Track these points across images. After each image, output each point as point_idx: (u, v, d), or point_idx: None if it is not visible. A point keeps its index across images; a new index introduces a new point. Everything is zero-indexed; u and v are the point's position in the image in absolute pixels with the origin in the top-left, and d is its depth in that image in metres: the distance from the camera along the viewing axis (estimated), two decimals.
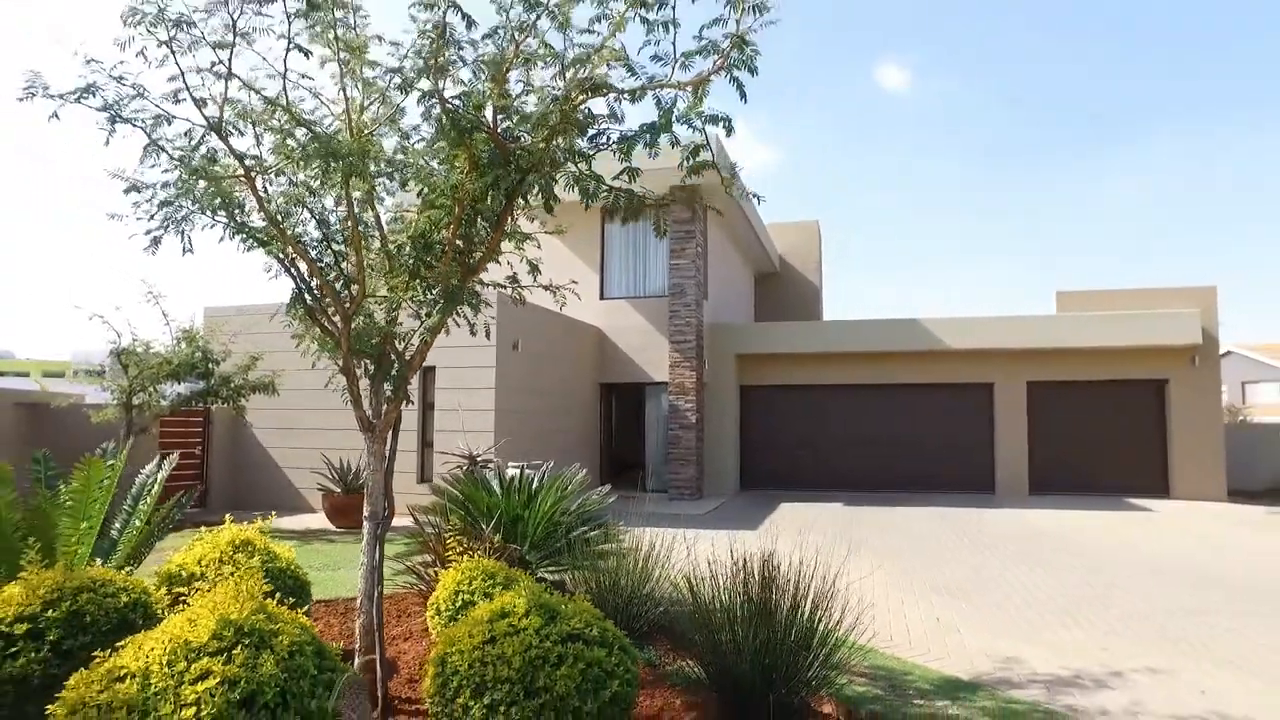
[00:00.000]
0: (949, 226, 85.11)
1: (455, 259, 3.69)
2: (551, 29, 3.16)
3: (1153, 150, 64.86)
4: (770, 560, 4.30)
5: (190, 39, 3.33)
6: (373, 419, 4.15)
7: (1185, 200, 77.22)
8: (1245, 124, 61.30)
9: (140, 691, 2.66)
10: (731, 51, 3.08)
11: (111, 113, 3.54)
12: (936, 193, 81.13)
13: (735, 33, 3.07)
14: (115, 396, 11.28)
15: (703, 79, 3.20)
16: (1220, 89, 61.97)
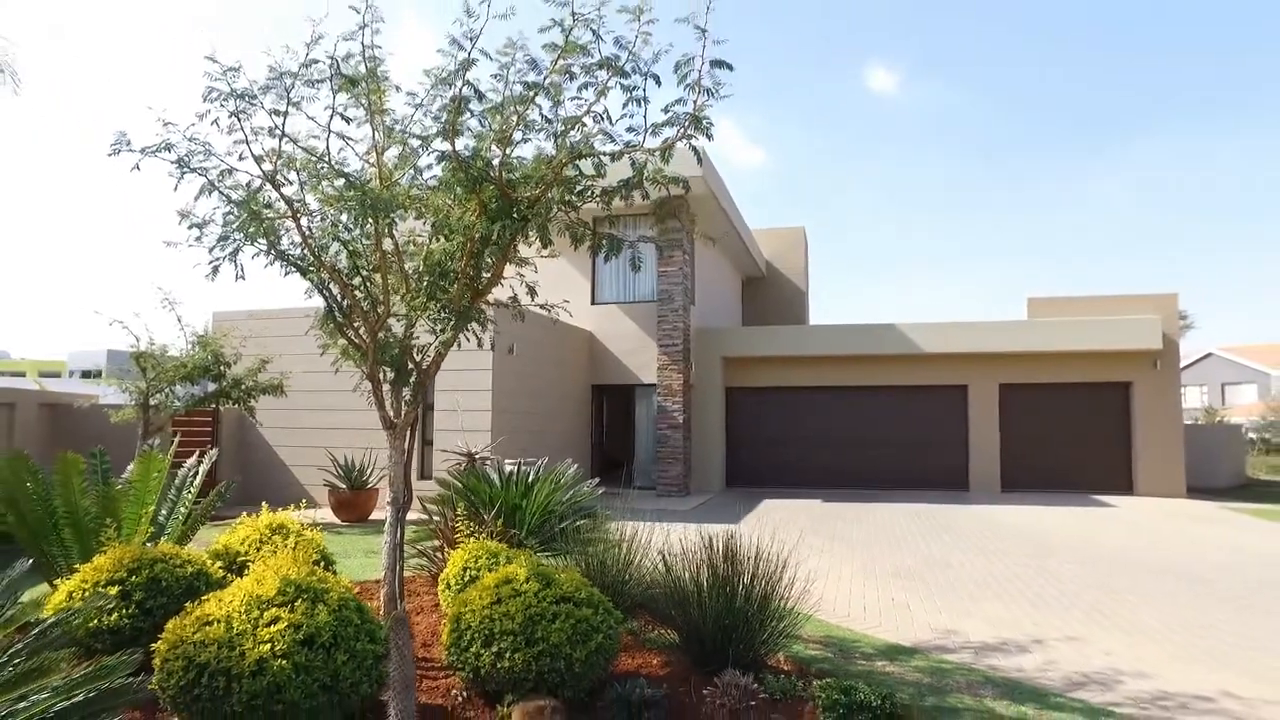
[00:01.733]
0: (936, 227, 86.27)
1: (466, 285, 4.44)
2: (547, 102, 3.91)
3: (1137, 153, 66.00)
4: (732, 542, 5.05)
5: (252, 108, 4.06)
6: (394, 419, 4.88)
7: (1170, 201, 78.46)
8: (1230, 127, 62.47)
9: (225, 632, 3.39)
10: (689, 126, 3.84)
11: (183, 166, 4.26)
12: (923, 194, 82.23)
13: (692, 111, 3.82)
14: (133, 398, 11.96)
15: (667, 145, 3.95)
16: (1206, 92, 63.13)
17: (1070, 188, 74.05)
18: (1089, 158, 71.33)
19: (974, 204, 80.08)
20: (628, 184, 4.01)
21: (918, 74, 63.54)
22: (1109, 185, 69.82)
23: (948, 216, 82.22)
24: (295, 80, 4.01)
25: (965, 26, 58.92)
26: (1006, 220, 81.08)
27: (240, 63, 4.17)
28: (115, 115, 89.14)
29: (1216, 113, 62.68)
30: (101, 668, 2.57)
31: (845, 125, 73.14)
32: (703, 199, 15.84)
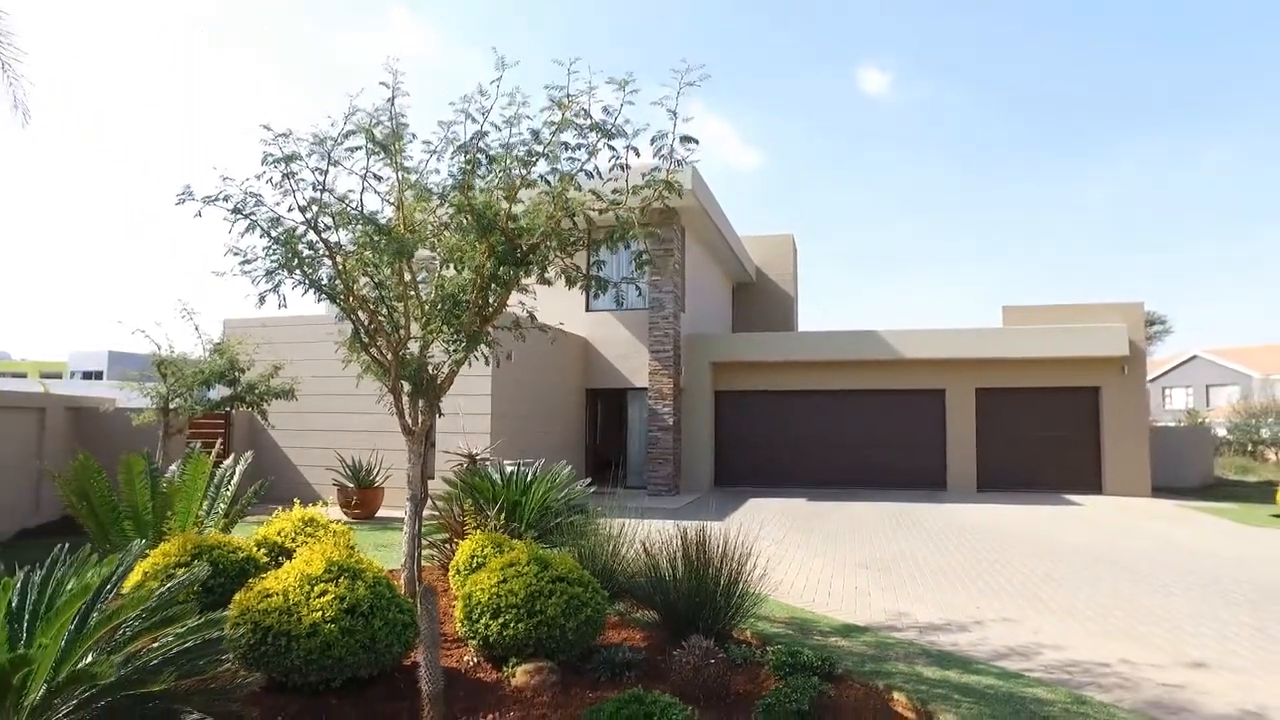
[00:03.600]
0: (928, 227, 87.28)
1: (476, 312, 5.24)
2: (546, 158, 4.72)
3: (1124, 155, 67.03)
4: (703, 534, 5.85)
5: (299, 167, 4.86)
6: (412, 426, 5.68)
7: (1157, 203, 79.54)
8: (1215, 130, 63.48)
9: (284, 602, 4.18)
10: (663, 189, 4.65)
11: (238, 213, 5.05)
12: (915, 194, 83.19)
13: (664, 177, 4.63)
14: (154, 401, 12.72)
15: (646, 203, 4.75)
16: (1191, 94, 64.12)
17: (1057, 189, 75.10)
18: (1076, 159, 72.41)
19: (964, 205, 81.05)
20: (612, 235, 4.82)
21: (909, 75, 64.46)
22: (1095, 187, 70.88)
23: (940, 217, 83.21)
24: (334, 144, 4.80)
25: (956, 27, 59.86)
26: (994, 222, 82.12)
27: (289, 129, 4.97)
28: (115, 114, 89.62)
29: (1200, 115, 63.76)
30: (208, 620, 3.36)
31: (838, 125, 74.04)
32: (693, 212, 16.67)
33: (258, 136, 4.80)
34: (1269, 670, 5.52)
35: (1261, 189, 70.98)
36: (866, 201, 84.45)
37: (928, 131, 73.58)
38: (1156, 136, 65.55)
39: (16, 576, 3.24)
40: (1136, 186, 74.91)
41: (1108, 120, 67.16)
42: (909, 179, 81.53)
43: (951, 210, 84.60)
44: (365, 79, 79.30)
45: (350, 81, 79.68)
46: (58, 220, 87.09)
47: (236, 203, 5.03)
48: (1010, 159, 73.50)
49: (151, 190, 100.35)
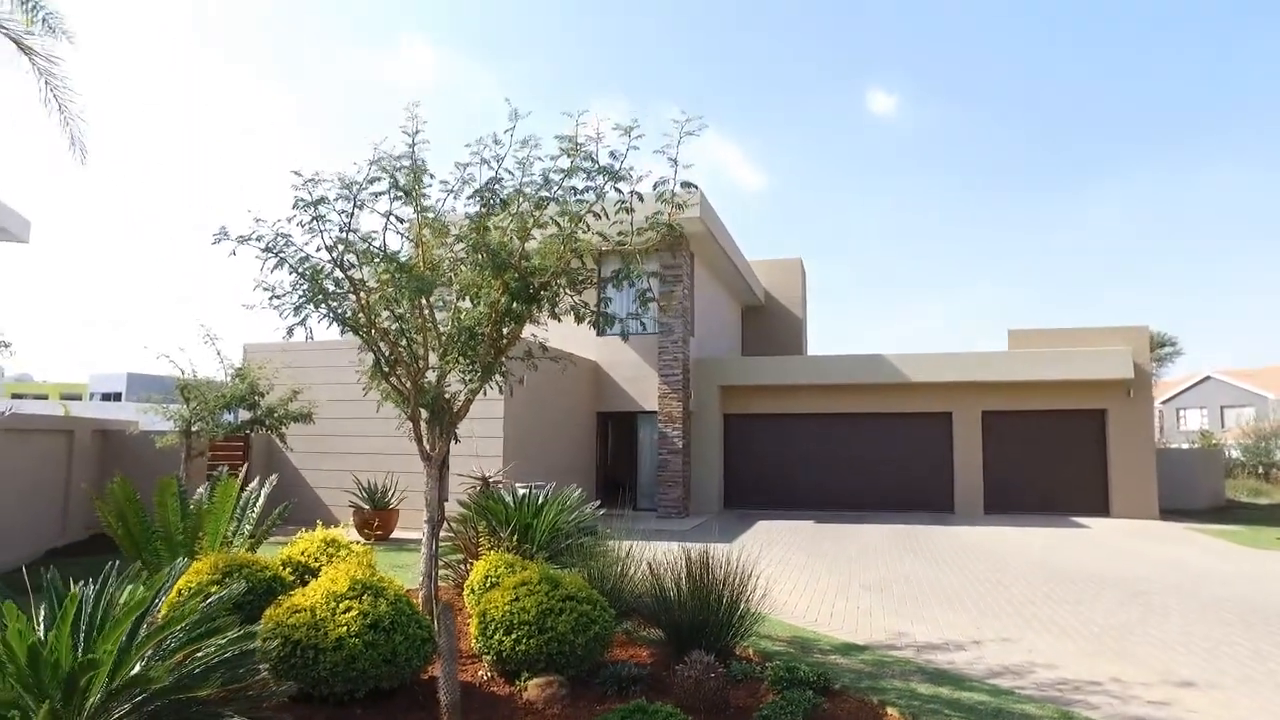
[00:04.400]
0: (938, 248, 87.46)
1: (490, 344, 5.56)
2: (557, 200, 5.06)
3: (1134, 180, 67.19)
4: (707, 556, 6.11)
5: (326, 210, 5.22)
6: (430, 452, 5.99)
7: (1169, 223, 79.51)
8: (1225, 154, 63.57)
9: (311, 618, 4.48)
10: (666, 231, 4.98)
11: (270, 251, 5.41)
12: (921, 216, 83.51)
13: (665, 220, 4.97)
14: (177, 425, 13.12)
15: (650, 245, 5.09)
16: (1205, 117, 64.29)
17: (1064, 211, 75.24)
18: (1083, 180, 72.60)
19: (970, 226, 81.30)
20: (617, 275, 5.15)
21: (916, 97, 65.07)
22: (1102, 208, 70.99)
23: (946, 238, 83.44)
24: (360, 188, 5.16)
25: (962, 50, 60.43)
26: (1000, 243, 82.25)
27: (318, 173, 5.34)
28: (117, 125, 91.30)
29: (1206, 135, 63.89)
30: (246, 633, 3.66)
31: (845, 146, 74.62)
32: (701, 237, 17.04)
33: (288, 181, 5.17)
34: (1253, 689, 5.70)
35: (1271, 209, 70.84)
36: (873, 222, 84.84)
37: (935, 153, 74.01)
38: (1164, 156, 65.72)
39: (75, 591, 3.55)
40: (1145, 207, 74.97)
41: (1115, 140, 67.39)
42: (915, 200, 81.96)
43: (957, 232, 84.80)
44: (375, 99, 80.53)
45: (360, 100, 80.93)
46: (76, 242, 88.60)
47: (268, 242, 5.39)
48: (1017, 180, 73.81)
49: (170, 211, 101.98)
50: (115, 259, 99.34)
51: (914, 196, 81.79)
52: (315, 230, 5.21)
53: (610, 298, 5.52)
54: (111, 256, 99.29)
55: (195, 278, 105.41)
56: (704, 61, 71.43)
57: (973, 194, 77.94)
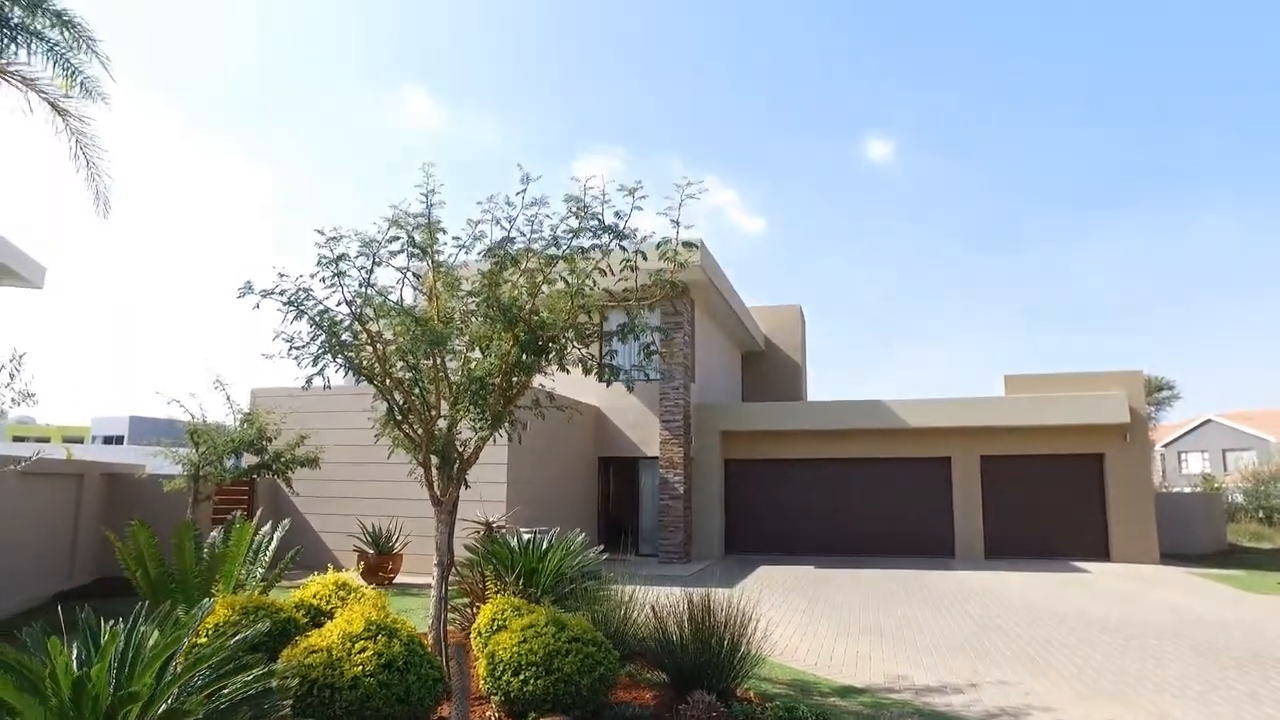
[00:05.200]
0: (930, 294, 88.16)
1: (500, 394, 5.82)
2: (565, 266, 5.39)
3: (1128, 226, 68.11)
4: (708, 600, 6.28)
5: (347, 266, 5.53)
6: (440, 497, 6.20)
7: (1164, 268, 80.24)
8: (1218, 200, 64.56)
9: (328, 657, 4.66)
10: (668, 289, 5.28)
11: (292, 305, 5.70)
12: (920, 262, 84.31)
13: (668, 278, 5.28)
14: (185, 469, 13.29)
15: (654, 301, 5.39)
16: (1199, 161, 65.39)
17: (1059, 256, 76.03)
18: (1078, 225, 73.59)
19: (969, 271, 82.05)
20: (623, 329, 5.44)
21: (913, 144, 66.35)
22: (1098, 254, 71.81)
23: (943, 283, 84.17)
24: (379, 246, 5.48)
25: (957, 99, 61.80)
26: (996, 287, 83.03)
27: (337, 229, 5.66)
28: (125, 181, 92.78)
29: (1198, 182, 64.94)
30: (269, 671, 3.84)
31: (844, 193, 75.82)
32: (701, 285, 17.40)
33: (311, 240, 5.48)
34: None
35: (1262, 253, 71.65)
36: (870, 267, 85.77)
37: (931, 199, 75.15)
38: (1158, 202, 66.73)
39: (108, 628, 3.75)
40: (1139, 253, 75.84)
41: (1110, 186, 68.48)
42: (913, 245, 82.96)
43: (954, 277, 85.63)
44: (380, 147, 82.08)
45: (362, 144, 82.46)
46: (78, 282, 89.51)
47: (290, 296, 5.68)
48: (1012, 226, 74.85)
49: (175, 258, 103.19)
50: (121, 302, 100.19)
51: (911, 242, 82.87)
52: (336, 286, 5.50)
53: (615, 350, 5.78)
54: (117, 299, 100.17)
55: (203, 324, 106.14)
56: (703, 109, 73.04)
57: (969, 240, 78.95)
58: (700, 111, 73.43)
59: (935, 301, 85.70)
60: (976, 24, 59.39)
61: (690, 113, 73.97)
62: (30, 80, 7.40)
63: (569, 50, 68.20)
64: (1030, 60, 59.35)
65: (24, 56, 7.14)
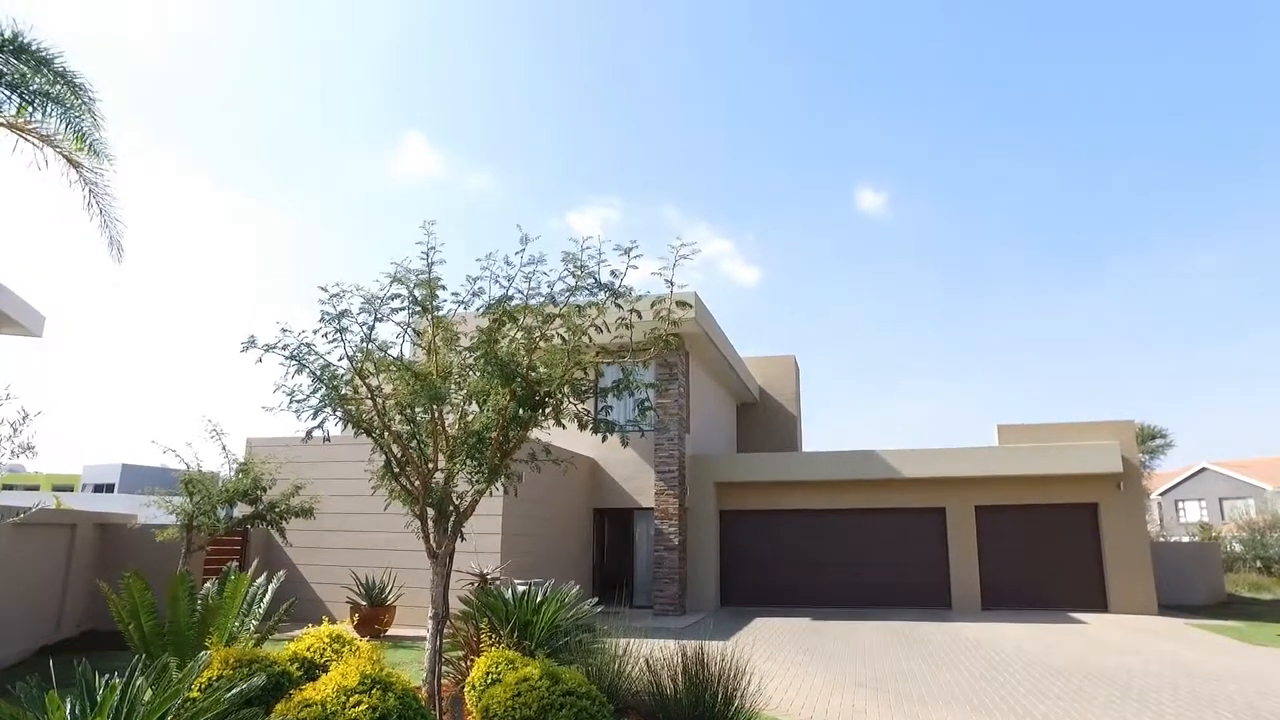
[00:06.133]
0: (922, 343, 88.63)
1: (497, 448, 5.92)
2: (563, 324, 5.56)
3: (1118, 268, 68.97)
4: (703, 652, 6.30)
5: (349, 322, 5.68)
6: (437, 549, 6.25)
7: (1154, 314, 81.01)
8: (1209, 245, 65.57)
9: (322, 711, 4.67)
10: (662, 345, 5.45)
11: (294, 359, 5.83)
12: (912, 309, 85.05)
13: (663, 333, 5.44)
14: (178, 519, 13.23)
15: (648, 358, 5.54)
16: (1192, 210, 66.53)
17: (1050, 304, 76.82)
18: (1069, 273, 74.52)
19: (958, 319, 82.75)
20: (617, 384, 5.58)
21: (903, 195, 67.47)
22: (1087, 302, 72.57)
23: (936, 332, 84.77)
24: (381, 303, 5.64)
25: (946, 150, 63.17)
26: (988, 336, 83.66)
27: (340, 284, 5.83)
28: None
29: (1188, 227, 65.99)
30: None
31: (838, 242, 76.83)
32: (696, 337, 17.61)
33: (315, 296, 5.64)
34: None
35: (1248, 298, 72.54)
36: (865, 316, 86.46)
37: (923, 248, 76.14)
38: (1146, 247, 67.73)
39: (103, 681, 3.79)
40: (1129, 299, 76.73)
41: (1098, 233, 69.56)
42: (906, 294, 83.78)
43: (947, 326, 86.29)
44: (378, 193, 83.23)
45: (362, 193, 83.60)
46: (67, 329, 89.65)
47: (292, 350, 5.82)
48: (1003, 275, 75.79)
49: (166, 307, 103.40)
50: (115, 350, 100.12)
51: (904, 290, 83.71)
52: (338, 341, 5.65)
53: (611, 406, 5.91)
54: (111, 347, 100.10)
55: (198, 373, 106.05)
56: (697, 159, 74.42)
57: (960, 288, 79.82)
58: (695, 161, 74.81)
59: (928, 349, 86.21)
60: (966, 71, 61.03)
61: (685, 162, 75.38)
62: (47, 137, 7.66)
63: (566, 101, 69.75)
64: (1022, 108, 60.85)
65: (40, 116, 7.40)
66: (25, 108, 7.07)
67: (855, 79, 63.29)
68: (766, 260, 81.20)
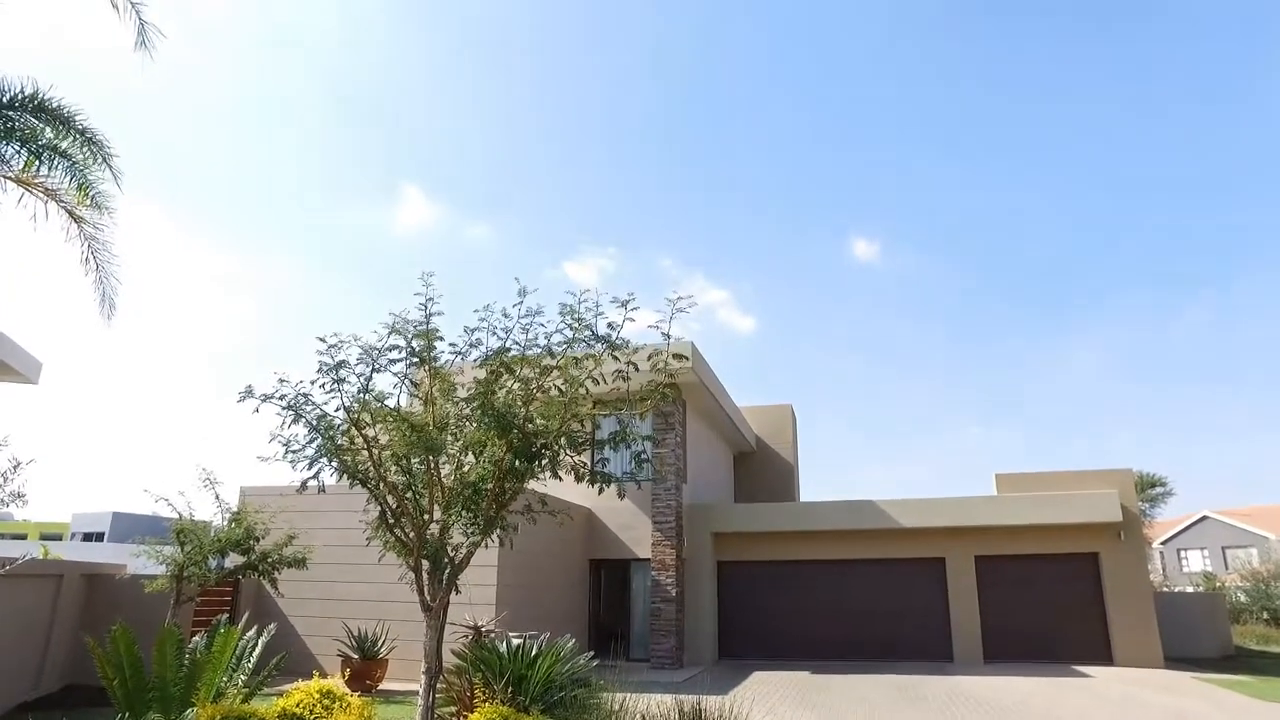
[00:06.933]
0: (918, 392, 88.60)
1: (493, 499, 5.89)
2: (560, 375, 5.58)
3: (1111, 318, 69.45)
4: (700, 709, 6.19)
5: (346, 373, 5.70)
6: (431, 602, 6.17)
7: (1150, 363, 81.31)
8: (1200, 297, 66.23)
9: None
10: (659, 397, 5.47)
11: (291, 409, 5.83)
12: (907, 359, 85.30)
13: (661, 384, 5.47)
14: (168, 569, 13.03)
15: (645, 409, 5.57)
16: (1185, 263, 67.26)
17: (1045, 353, 77.12)
18: (1063, 322, 75.03)
19: (953, 369, 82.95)
20: (614, 437, 5.59)
21: (896, 245, 68.21)
22: (1083, 349, 72.90)
23: (931, 381, 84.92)
24: (379, 354, 5.67)
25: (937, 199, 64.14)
26: (983, 386, 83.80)
27: (338, 335, 5.86)
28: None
29: (1181, 276, 66.72)
30: None
31: (833, 292, 77.46)
32: (693, 386, 17.64)
33: (313, 347, 5.67)
34: None
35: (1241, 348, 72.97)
36: (861, 365, 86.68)
37: (917, 298, 76.77)
38: (1138, 297, 68.32)
39: None
40: (1124, 352, 77.15)
41: (1091, 283, 70.22)
42: (901, 343, 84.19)
43: (944, 375, 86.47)
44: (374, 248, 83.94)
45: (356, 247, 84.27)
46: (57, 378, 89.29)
47: (290, 401, 5.83)
48: (998, 325, 76.32)
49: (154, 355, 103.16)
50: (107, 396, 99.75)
51: (900, 340, 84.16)
52: (336, 392, 5.66)
53: (608, 458, 5.92)
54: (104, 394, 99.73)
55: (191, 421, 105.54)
56: (693, 210, 75.44)
57: (956, 338, 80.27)
58: (690, 212, 75.80)
59: (925, 397, 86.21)
60: (955, 126, 62.25)
61: (680, 213, 76.36)
62: (52, 191, 7.77)
63: (563, 153, 70.95)
64: (1017, 154, 61.97)
65: (46, 170, 7.53)
66: (33, 161, 7.21)
67: (848, 132, 64.55)
68: (762, 309, 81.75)
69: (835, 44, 58.74)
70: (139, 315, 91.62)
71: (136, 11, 7.29)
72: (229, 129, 73.60)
